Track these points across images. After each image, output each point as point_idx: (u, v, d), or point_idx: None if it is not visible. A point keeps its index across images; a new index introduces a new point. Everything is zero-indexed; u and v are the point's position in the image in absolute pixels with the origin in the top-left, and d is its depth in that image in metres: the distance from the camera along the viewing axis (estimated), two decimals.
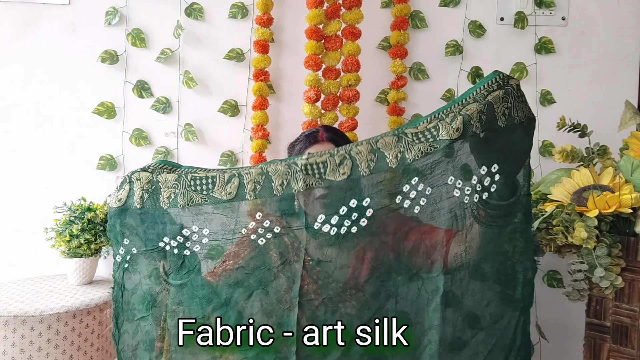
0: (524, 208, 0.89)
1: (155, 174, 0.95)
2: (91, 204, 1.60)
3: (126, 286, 0.98)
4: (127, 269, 0.98)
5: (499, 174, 0.85)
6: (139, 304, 0.98)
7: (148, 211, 0.93)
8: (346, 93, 1.56)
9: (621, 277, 1.09)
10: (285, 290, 0.90)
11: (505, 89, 0.85)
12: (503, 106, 0.84)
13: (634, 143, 1.24)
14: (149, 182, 0.93)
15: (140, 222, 0.94)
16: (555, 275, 1.67)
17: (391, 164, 0.85)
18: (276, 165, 0.89)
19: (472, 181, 0.86)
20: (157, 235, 0.94)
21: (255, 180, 0.89)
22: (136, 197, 0.93)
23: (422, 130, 0.85)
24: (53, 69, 1.67)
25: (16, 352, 1.32)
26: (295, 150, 1.28)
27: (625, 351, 1.16)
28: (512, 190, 0.87)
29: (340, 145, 1.21)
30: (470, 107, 0.84)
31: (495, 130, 0.84)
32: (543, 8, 1.67)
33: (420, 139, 0.85)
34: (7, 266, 1.70)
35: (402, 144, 0.85)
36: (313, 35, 1.54)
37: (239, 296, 0.91)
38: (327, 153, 0.89)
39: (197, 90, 1.68)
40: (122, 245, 0.97)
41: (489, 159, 0.85)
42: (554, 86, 1.69)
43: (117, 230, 0.96)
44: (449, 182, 0.85)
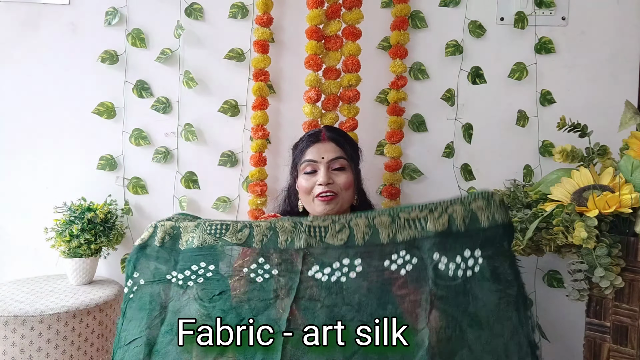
0: (507, 296, 0.96)
1: (178, 222, 1.06)
2: (91, 204, 1.61)
3: (127, 315, 1.04)
4: (132, 299, 1.04)
5: (482, 257, 0.95)
6: (135, 328, 1.02)
7: (165, 249, 1.04)
8: (347, 93, 1.56)
9: (621, 277, 1.09)
10: (274, 319, 0.97)
11: (488, 200, 0.96)
12: (486, 210, 0.96)
13: (634, 143, 1.24)
14: (172, 228, 1.05)
15: (154, 258, 1.04)
16: (555, 275, 1.67)
17: (383, 240, 0.96)
18: (284, 223, 1.00)
19: (457, 260, 0.95)
20: (167, 269, 1.03)
21: (263, 233, 1.00)
22: (158, 238, 1.04)
23: (414, 217, 0.97)
24: (53, 69, 1.67)
25: (16, 352, 1.32)
26: (298, 149, 1.30)
27: (625, 351, 1.16)
28: (495, 277, 0.96)
29: (341, 144, 1.25)
30: (456, 207, 0.96)
31: (477, 228, 0.96)
32: (543, 8, 1.67)
33: (410, 225, 0.96)
34: (7, 266, 1.70)
35: (395, 226, 0.97)
36: (313, 35, 1.54)
37: (231, 320, 0.98)
38: (329, 219, 1.00)
39: (197, 90, 1.68)
40: (131, 278, 1.05)
41: (472, 245, 0.95)
42: (554, 86, 1.69)
43: (131, 264, 1.05)
44: (434, 258, 0.95)
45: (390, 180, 1.63)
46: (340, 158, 1.25)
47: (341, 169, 1.25)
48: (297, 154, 1.31)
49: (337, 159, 1.25)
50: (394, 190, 1.62)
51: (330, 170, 1.24)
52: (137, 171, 1.70)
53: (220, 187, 1.70)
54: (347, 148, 1.27)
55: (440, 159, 1.71)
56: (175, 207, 1.69)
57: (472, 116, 1.70)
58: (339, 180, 1.24)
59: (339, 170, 1.25)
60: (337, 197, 1.24)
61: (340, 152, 1.26)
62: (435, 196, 1.69)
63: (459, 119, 1.70)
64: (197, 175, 1.69)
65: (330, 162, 1.25)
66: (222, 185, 1.70)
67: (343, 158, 1.25)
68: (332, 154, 1.25)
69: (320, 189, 1.23)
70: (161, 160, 1.68)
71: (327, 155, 1.25)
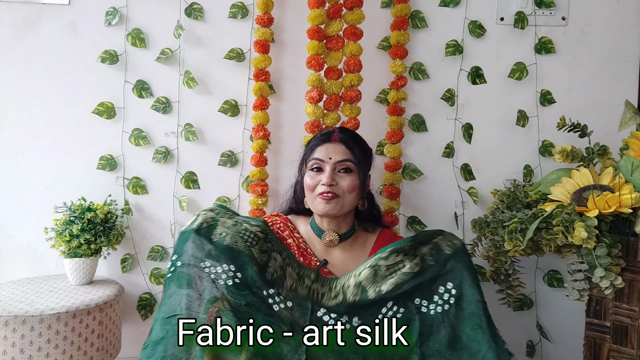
0: (476, 315, 1.09)
1: (219, 215, 1.17)
2: (91, 204, 1.61)
3: (167, 292, 1.09)
4: (170, 277, 1.10)
5: (453, 288, 1.10)
6: (175, 304, 1.07)
7: (201, 235, 1.12)
8: (348, 93, 1.56)
9: (621, 277, 1.09)
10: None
11: (442, 232, 1.19)
12: (445, 239, 1.17)
13: (634, 143, 1.24)
14: (211, 218, 1.16)
15: (191, 241, 1.11)
16: (556, 275, 1.67)
17: (371, 297, 1.09)
18: (292, 270, 1.15)
19: (435, 299, 1.10)
20: (202, 256, 1.10)
21: (276, 270, 1.13)
22: (196, 223, 1.14)
23: (392, 263, 1.12)
24: (53, 69, 1.67)
25: (16, 352, 1.32)
26: (309, 146, 1.32)
27: (625, 351, 1.16)
28: (466, 301, 1.10)
29: (351, 147, 1.28)
30: (424, 248, 1.14)
31: (444, 257, 1.13)
32: (543, 8, 1.67)
33: (391, 272, 1.11)
34: (7, 266, 1.70)
35: (377, 278, 1.11)
36: (315, 35, 1.54)
37: (262, 333, 1.04)
38: (327, 285, 1.15)
39: (197, 90, 1.68)
40: (171, 260, 1.12)
41: (444, 280, 1.12)
42: (554, 86, 1.69)
43: (174, 248, 1.14)
44: (415, 302, 1.10)
45: (390, 180, 1.63)
46: (347, 160, 1.25)
47: (347, 171, 1.25)
48: (307, 150, 1.32)
49: (344, 161, 1.25)
50: (394, 190, 1.62)
51: (335, 172, 1.24)
52: (137, 171, 1.70)
53: (220, 187, 1.70)
54: (357, 152, 1.27)
55: (440, 159, 1.71)
56: (175, 207, 1.69)
57: (472, 116, 1.70)
58: (343, 183, 1.24)
59: (344, 172, 1.25)
60: (338, 199, 1.24)
61: (349, 155, 1.25)
62: (436, 196, 1.70)
63: (459, 119, 1.70)
64: (197, 175, 1.69)
65: (337, 164, 1.25)
66: (222, 185, 1.70)
67: (350, 161, 1.25)
68: (340, 155, 1.25)
69: (322, 188, 1.23)
70: (161, 160, 1.68)
71: (335, 156, 1.25)
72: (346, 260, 1.29)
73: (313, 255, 1.29)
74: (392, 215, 1.62)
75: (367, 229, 1.35)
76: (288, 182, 1.46)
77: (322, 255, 1.29)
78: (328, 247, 1.30)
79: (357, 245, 1.32)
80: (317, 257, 1.28)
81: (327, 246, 1.30)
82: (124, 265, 1.70)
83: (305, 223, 1.35)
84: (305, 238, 1.32)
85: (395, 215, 1.63)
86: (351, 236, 1.32)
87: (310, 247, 1.30)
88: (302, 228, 1.34)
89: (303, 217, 1.37)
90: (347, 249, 1.30)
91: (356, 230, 1.34)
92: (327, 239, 1.29)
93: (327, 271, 1.27)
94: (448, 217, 1.70)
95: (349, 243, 1.31)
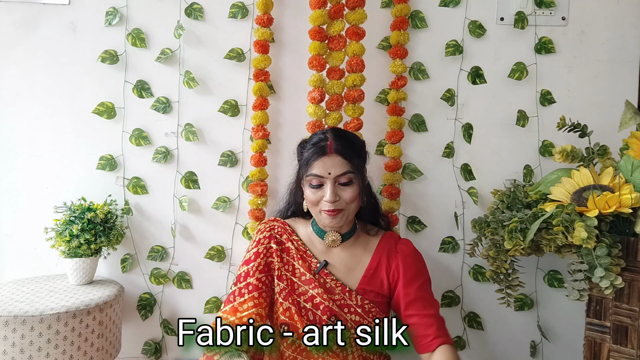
0: None
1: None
2: (91, 204, 1.61)
3: None
4: None
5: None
6: None
7: None
8: (351, 93, 1.56)
9: (621, 277, 1.09)
10: None
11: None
12: None
13: (634, 143, 1.24)
14: None
15: None
16: (556, 275, 1.67)
17: None
18: None
19: None
20: None
21: None
22: None
23: None
24: (53, 69, 1.67)
25: (16, 352, 1.32)
26: (304, 158, 1.26)
27: (625, 351, 1.16)
28: None
29: (348, 157, 1.23)
30: None
31: None
32: (543, 8, 1.67)
33: None
34: (7, 266, 1.70)
35: None
36: (317, 35, 1.54)
37: None
38: None
39: (197, 90, 1.68)
40: None
41: None
42: (554, 86, 1.69)
43: None
44: None
45: (390, 180, 1.63)
46: (347, 173, 1.22)
47: (348, 183, 1.23)
48: (302, 162, 1.27)
49: (344, 174, 1.22)
50: (394, 190, 1.62)
51: (336, 185, 1.23)
52: (137, 171, 1.70)
53: (220, 187, 1.70)
54: (354, 159, 1.25)
55: (440, 159, 1.71)
56: (175, 207, 1.69)
57: (472, 116, 1.70)
58: (345, 195, 1.23)
59: (345, 185, 1.23)
60: (343, 212, 1.24)
61: (347, 167, 1.23)
62: (436, 196, 1.70)
63: (459, 119, 1.70)
64: (197, 175, 1.69)
65: (337, 178, 1.22)
66: (222, 185, 1.70)
67: (350, 172, 1.23)
68: (339, 169, 1.22)
69: (327, 205, 1.22)
70: (161, 160, 1.68)
71: (334, 170, 1.22)
72: (347, 259, 1.29)
73: (313, 257, 1.29)
74: (392, 215, 1.62)
75: (369, 232, 1.35)
76: (288, 182, 1.46)
77: (322, 256, 1.29)
78: (330, 246, 1.30)
79: (359, 245, 1.32)
80: (316, 259, 1.29)
81: (330, 246, 1.30)
82: (124, 265, 1.70)
83: (305, 225, 1.35)
84: (305, 240, 1.32)
85: (395, 215, 1.63)
86: (352, 236, 1.32)
87: (310, 249, 1.31)
88: (302, 231, 1.34)
89: (303, 220, 1.37)
90: (347, 249, 1.31)
91: (357, 230, 1.34)
92: (329, 239, 1.29)
93: (327, 272, 1.27)
94: (448, 217, 1.70)
95: (350, 242, 1.32)
